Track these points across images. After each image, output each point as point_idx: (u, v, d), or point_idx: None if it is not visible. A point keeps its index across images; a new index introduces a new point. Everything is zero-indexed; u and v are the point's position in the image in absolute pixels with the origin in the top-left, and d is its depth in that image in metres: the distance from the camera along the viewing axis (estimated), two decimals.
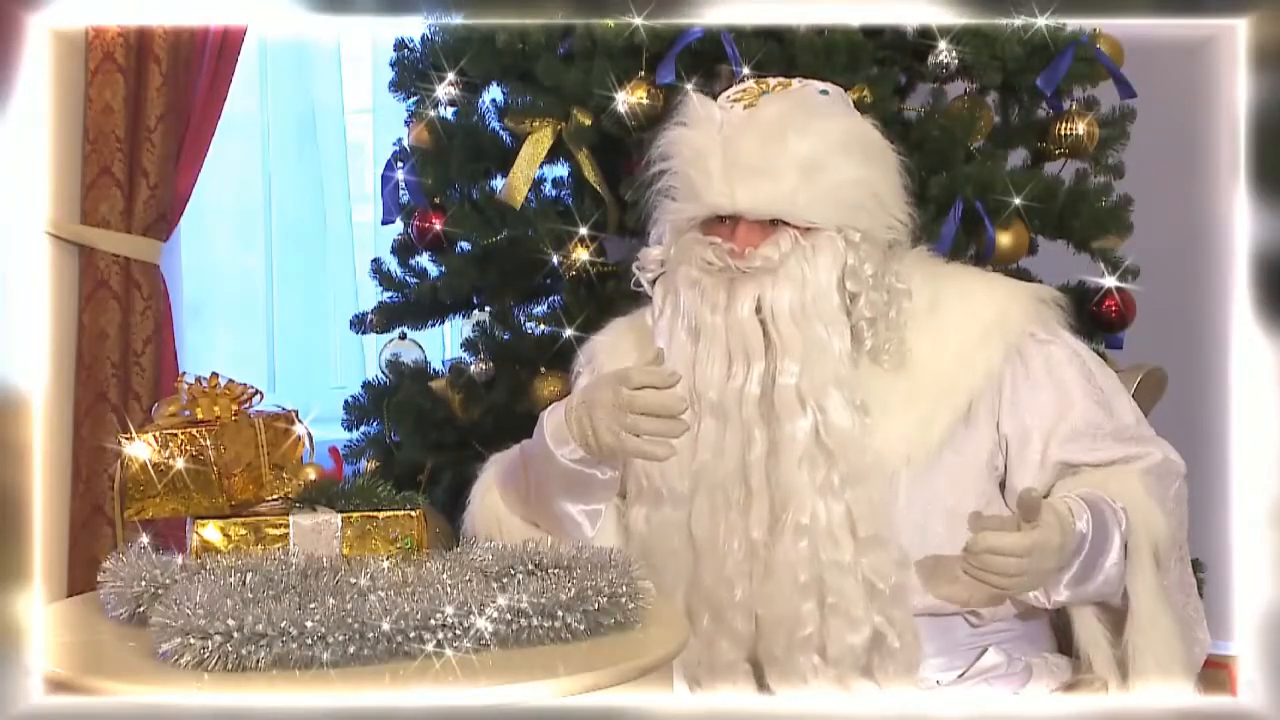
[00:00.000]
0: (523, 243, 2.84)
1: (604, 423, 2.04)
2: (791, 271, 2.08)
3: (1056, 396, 2.17)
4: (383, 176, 3.12)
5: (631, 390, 2.01)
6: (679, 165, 2.14)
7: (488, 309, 3.04)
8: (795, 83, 2.19)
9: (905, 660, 2.08)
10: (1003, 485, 2.20)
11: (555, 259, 2.82)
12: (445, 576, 1.79)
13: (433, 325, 3.22)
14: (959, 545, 2.12)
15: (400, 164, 3.05)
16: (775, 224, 2.09)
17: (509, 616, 1.68)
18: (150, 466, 1.89)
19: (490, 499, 2.27)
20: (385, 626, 1.62)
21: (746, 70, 2.60)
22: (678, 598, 2.13)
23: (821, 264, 2.09)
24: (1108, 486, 2.10)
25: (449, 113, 2.99)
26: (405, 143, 3.07)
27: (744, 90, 2.18)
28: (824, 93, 2.18)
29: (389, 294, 3.16)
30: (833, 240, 2.09)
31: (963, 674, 2.17)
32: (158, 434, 1.90)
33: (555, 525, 2.18)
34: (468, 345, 3.06)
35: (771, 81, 2.19)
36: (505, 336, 2.95)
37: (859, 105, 2.58)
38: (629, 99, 2.72)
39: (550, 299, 3.01)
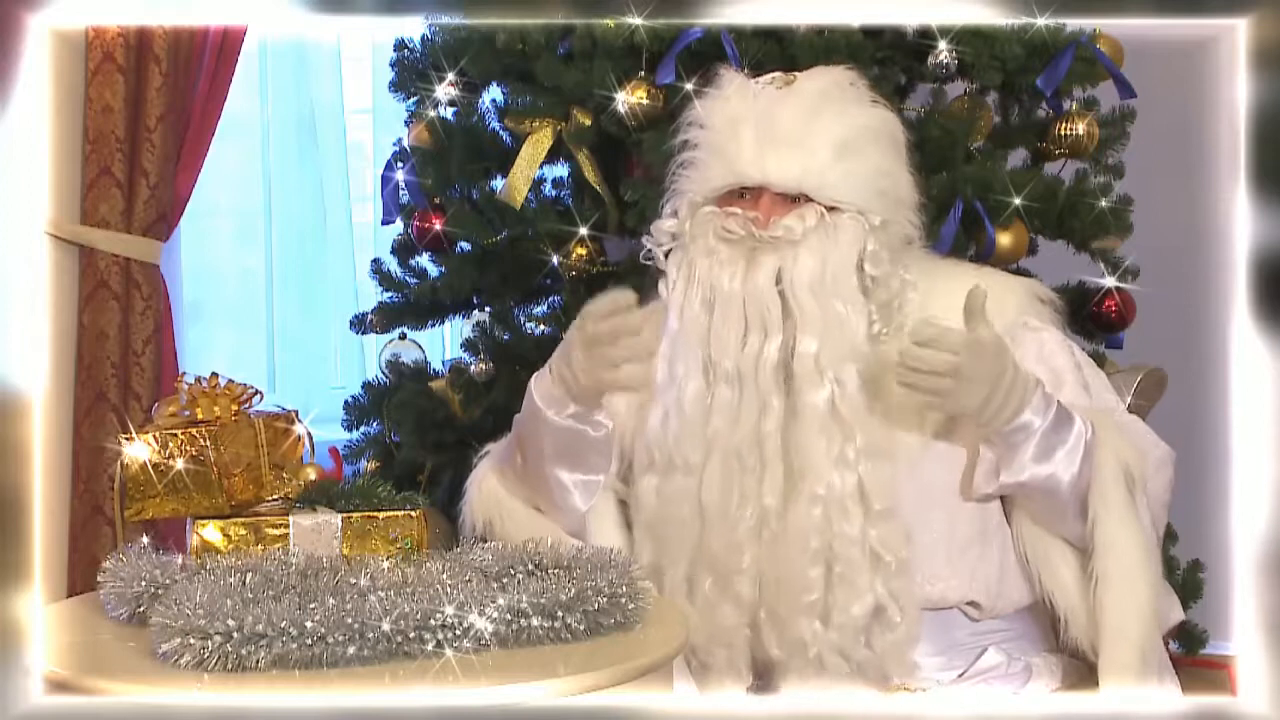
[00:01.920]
0: (523, 243, 2.85)
1: (579, 364, 2.07)
2: (814, 245, 2.08)
3: (1047, 380, 2.16)
4: (383, 177, 3.12)
5: (594, 326, 2.04)
6: (709, 135, 2.15)
7: (488, 309, 3.04)
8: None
9: (905, 633, 2.08)
10: None
11: (555, 259, 2.82)
12: (445, 576, 1.79)
13: (433, 325, 3.22)
14: (958, 531, 2.14)
15: (400, 164, 3.05)
16: (799, 200, 2.10)
17: (509, 616, 1.68)
18: (150, 466, 1.89)
19: (488, 485, 2.28)
20: (385, 626, 1.62)
21: (746, 70, 2.60)
22: (681, 566, 2.13)
23: (843, 242, 2.09)
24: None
25: (449, 113, 2.99)
26: (405, 143, 3.07)
27: (776, 76, 2.19)
28: (853, 81, 2.20)
29: (389, 294, 3.16)
30: (856, 221, 2.10)
31: (962, 674, 2.17)
32: (158, 434, 1.90)
33: (548, 495, 2.19)
34: (468, 345, 3.06)
35: (801, 75, 2.20)
36: (505, 337, 2.95)
37: None
38: (629, 99, 2.72)
39: (550, 299, 3.01)
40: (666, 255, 2.18)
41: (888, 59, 2.78)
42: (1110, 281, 2.81)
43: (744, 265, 2.10)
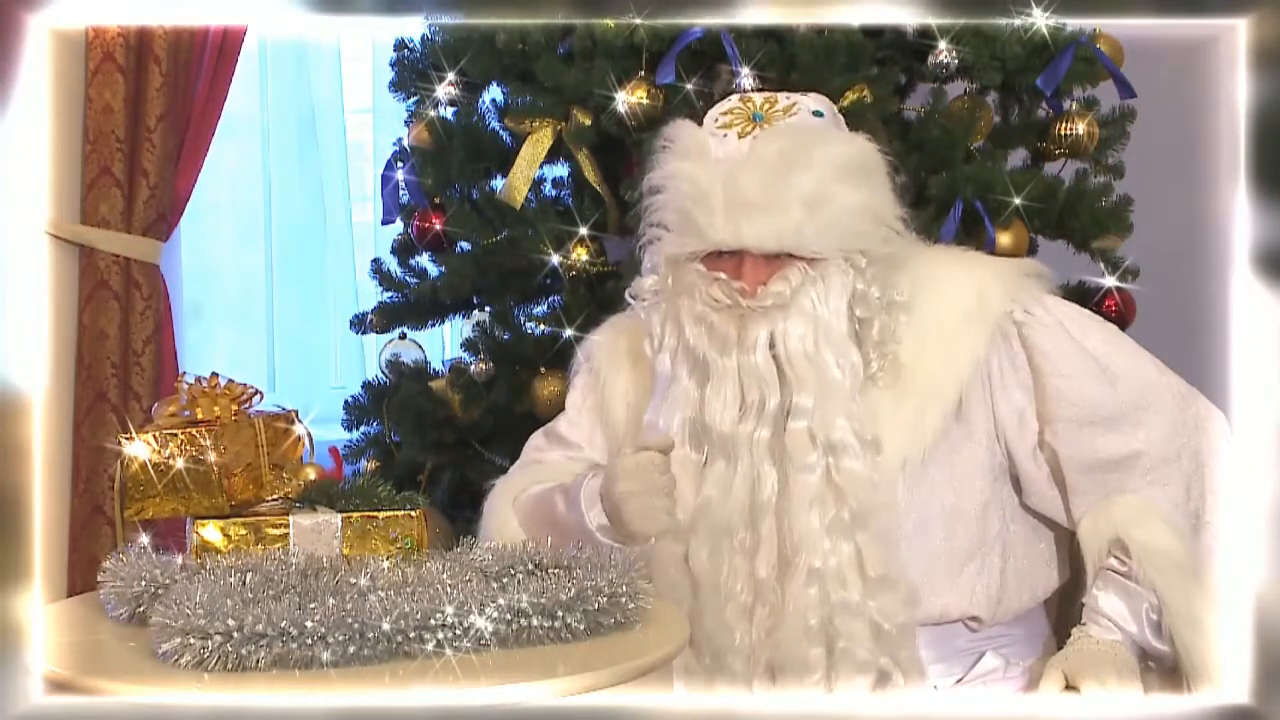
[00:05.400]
0: (523, 243, 2.84)
1: (635, 518, 2.02)
2: (803, 305, 2.06)
3: (1043, 378, 2.15)
4: (383, 176, 3.12)
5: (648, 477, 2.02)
6: (677, 199, 2.10)
7: (488, 309, 3.04)
8: (781, 98, 2.16)
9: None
10: (1017, 482, 2.19)
11: (555, 259, 2.81)
12: (445, 576, 1.79)
13: (433, 325, 3.22)
14: (957, 543, 2.13)
15: (400, 164, 3.05)
16: (781, 256, 2.07)
17: (509, 616, 1.68)
18: (150, 466, 1.89)
19: (511, 531, 2.22)
20: (385, 626, 1.62)
21: (746, 70, 2.60)
22: None
23: (832, 293, 2.07)
24: (1127, 534, 2.13)
25: (449, 113, 2.99)
26: (405, 143, 3.07)
27: (731, 113, 2.14)
28: (817, 113, 2.15)
29: (389, 294, 3.16)
30: (840, 268, 2.07)
31: (960, 679, 2.16)
32: (158, 434, 1.90)
33: None
34: (468, 345, 3.06)
35: (758, 99, 2.15)
36: (505, 336, 2.95)
37: (859, 105, 2.58)
38: (629, 99, 2.72)
39: (550, 299, 3.01)
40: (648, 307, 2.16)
41: (888, 59, 2.78)
42: (1110, 281, 2.81)
43: (735, 332, 2.07)
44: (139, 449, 1.89)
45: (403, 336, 3.30)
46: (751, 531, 2.07)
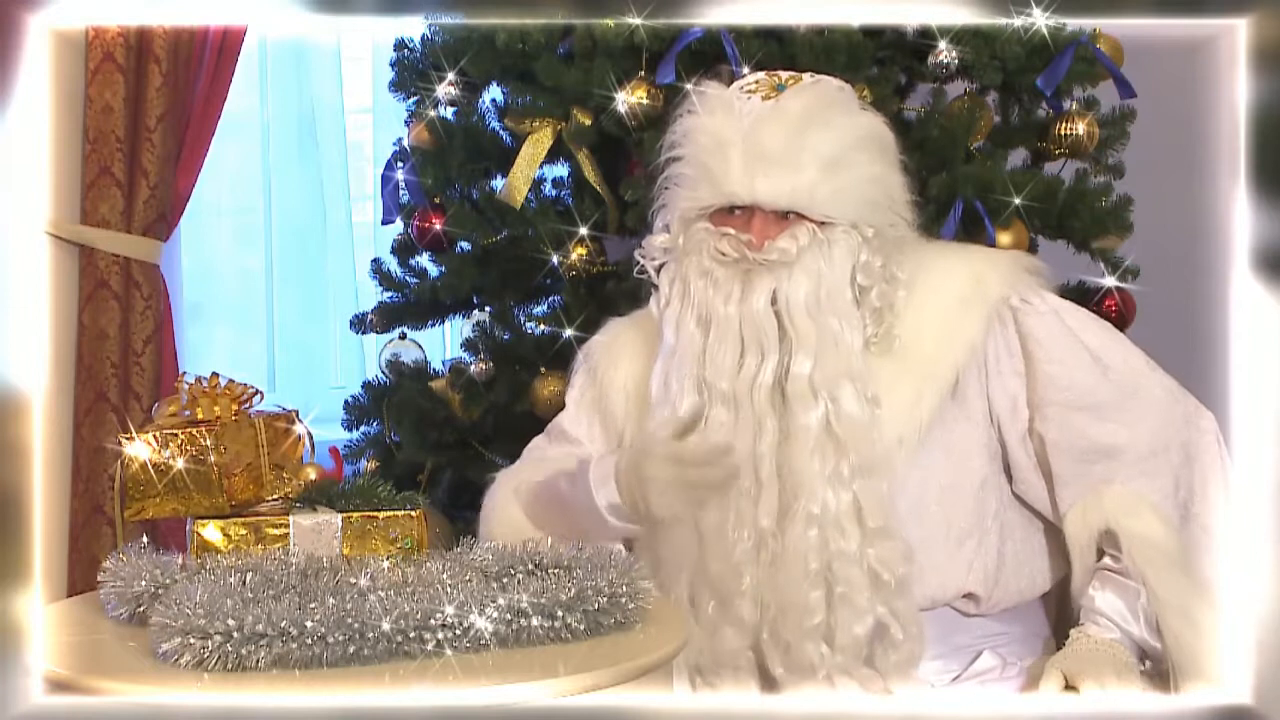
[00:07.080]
0: (523, 243, 2.85)
1: (663, 503, 2.02)
2: (808, 265, 2.08)
3: (1036, 364, 2.16)
4: (383, 176, 3.12)
5: (698, 474, 2.01)
6: (695, 153, 2.13)
7: (488, 309, 3.05)
8: (807, 77, 2.18)
9: (908, 652, 2.08)
10: (1008, 469, 2.20)
11: (555, 259, 2.82)
12: (445, 576, 1.79)
13: (433, 325, 3.22)
14: (955, 522, 2.14)
15: (400, 164, 3.05)
16: (790, 216, 2.09)
17: (509, 616, 1.68)
18: (150, 466, 1.89)
19: (511, 515, 2.23)
20: (385, 626, 1.62)
21: (747, 70, 2.60)
22: (681, 584, 2.12)
23: (837, 258, 2.09)
24: (1119, 528, 2.13)
25: (449, 113, 2.99)
26: (405, 143, 3.07)
27: (757, 82, 2.16)
28: (839, 89, 2.18)
29: (389, 294, 3.16)
30: (848, 235, 2.10)
31: (957, 676, 2.16)
32: (158, 434, 1.90)
33: None
34: (468, 345, 3.06)
35: (784, 75, 2.18)
36: (505, 336, 2.95)
37: None
38: (629, 99, 2.72)
39: (550, 299, 3.01)
40: (658, 269, 2.18)
41: (888, 59, 2.78)
42: (1110, 281, 2.81)
43: (739, 287, 2.09)
44: (139, 449, 1.89)
45: (403, 336, 3.30)
46: (754, 479, 2.08)
